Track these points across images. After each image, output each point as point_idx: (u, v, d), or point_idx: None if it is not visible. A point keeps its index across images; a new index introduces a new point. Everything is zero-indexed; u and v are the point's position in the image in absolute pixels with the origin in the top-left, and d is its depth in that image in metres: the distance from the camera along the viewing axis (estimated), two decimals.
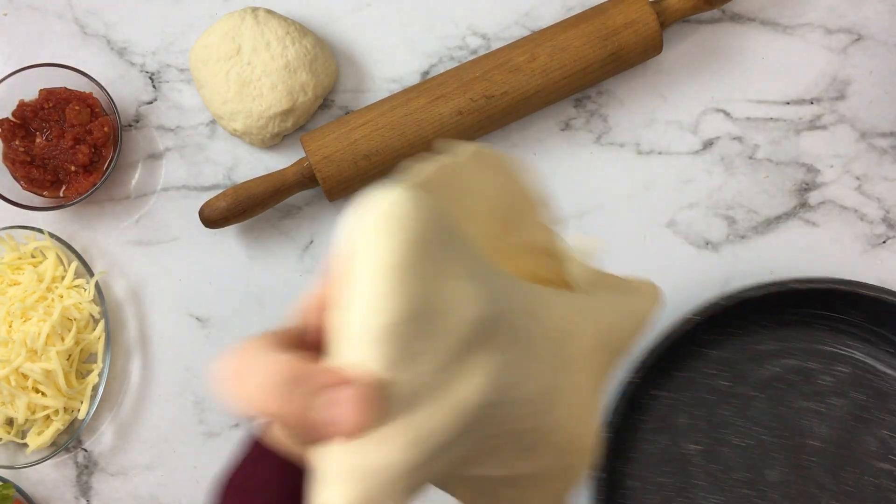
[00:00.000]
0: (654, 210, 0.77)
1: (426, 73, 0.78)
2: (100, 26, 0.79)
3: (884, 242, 0.77)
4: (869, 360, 0.74)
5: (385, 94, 0.78)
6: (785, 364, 0.74)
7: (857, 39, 0.78)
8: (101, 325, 0.75)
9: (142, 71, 0.79)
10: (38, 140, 0.75)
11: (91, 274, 0.76)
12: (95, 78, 0.75)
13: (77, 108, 0.74)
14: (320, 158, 0.72)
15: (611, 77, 0.76)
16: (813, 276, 0.74)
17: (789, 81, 0.78)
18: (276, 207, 0.77)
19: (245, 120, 0.75)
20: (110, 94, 0.75)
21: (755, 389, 0.74)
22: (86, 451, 0.77)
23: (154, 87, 0.79)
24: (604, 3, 0.75)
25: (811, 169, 0.77)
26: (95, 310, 0.75)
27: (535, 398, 0.40)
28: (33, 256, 0.77)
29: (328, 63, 0.76)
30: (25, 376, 0.73)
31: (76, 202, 0.75)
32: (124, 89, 0.79)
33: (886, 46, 0.78)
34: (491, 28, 0.78)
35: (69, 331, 0.74)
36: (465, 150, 0.40)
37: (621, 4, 0.73)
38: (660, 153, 0.78)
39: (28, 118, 0.75)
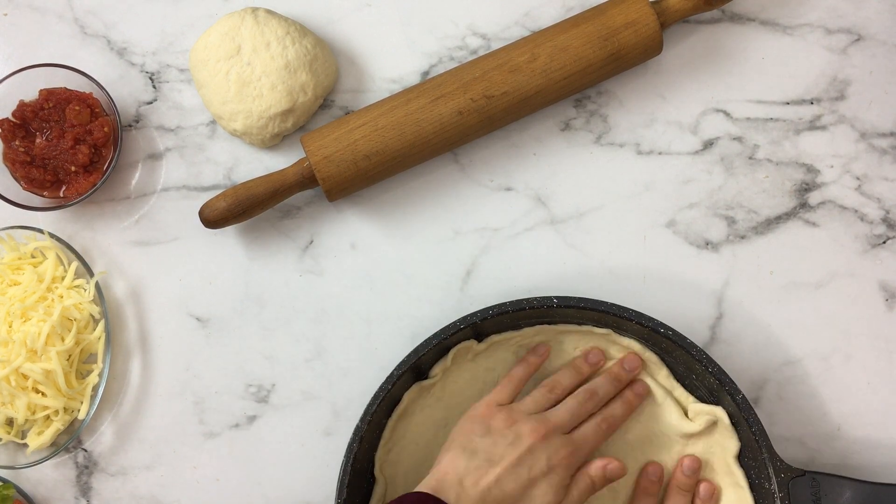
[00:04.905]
0: (654, 210, 0.77)
1: (426, 73, 0.78)
2: (100, 26, 0.79)
3: (884, 242, 0.77)
4: None
5: (385, 94, 0.78)
6: None
7: (857, 39, 0.78)
8: (101, 325, 0.75)
9: (142, 71, 0.79)
10: (38, 140, 0.75)
11: (91, 274, 0.76)
12: (95, 78, 0.75)
13: (77, 108, 0.74)
14: (320, 158, 0.72)
15: (611, 77, 0.76)
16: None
17: (789, 81, 0.78)
18: (276, 207, 0.77)
19: (245, 120, 0.75)
20: (110, 94, 0.75)
21: None
22: (86, 451, 0.77)
23: (154, 87, 0.79)
24: (604, 3, 0.75)
25: (811, 169, 0.77)
26: (95, 310, 0.75)
27: None
28: (33, 256, 0.77)
29: (328, 63, 0.76)
30: (25, 376, 0.73)
31: (76, 202, 0.75)
32: (124, 89, 0.79)
33: (886, 46, 0.78)
34: (491, 28, 0.78)
35: (69, 331, 0.74)
36: None
37: (621, 4, 0.73)
38: (660, 153, 0.78)
39: (28, 118, 0.75)
